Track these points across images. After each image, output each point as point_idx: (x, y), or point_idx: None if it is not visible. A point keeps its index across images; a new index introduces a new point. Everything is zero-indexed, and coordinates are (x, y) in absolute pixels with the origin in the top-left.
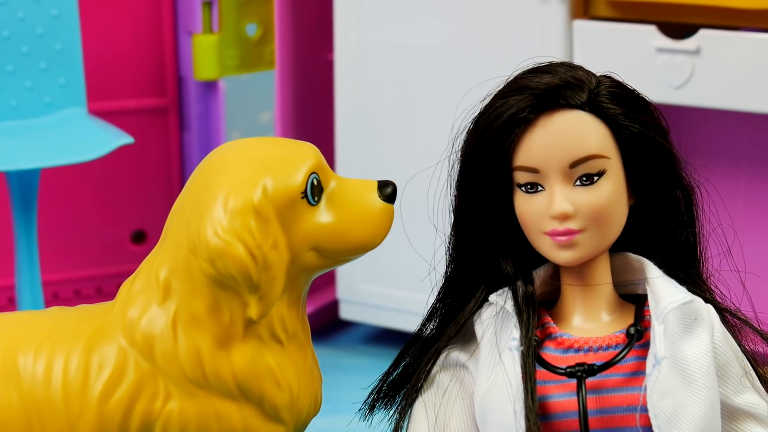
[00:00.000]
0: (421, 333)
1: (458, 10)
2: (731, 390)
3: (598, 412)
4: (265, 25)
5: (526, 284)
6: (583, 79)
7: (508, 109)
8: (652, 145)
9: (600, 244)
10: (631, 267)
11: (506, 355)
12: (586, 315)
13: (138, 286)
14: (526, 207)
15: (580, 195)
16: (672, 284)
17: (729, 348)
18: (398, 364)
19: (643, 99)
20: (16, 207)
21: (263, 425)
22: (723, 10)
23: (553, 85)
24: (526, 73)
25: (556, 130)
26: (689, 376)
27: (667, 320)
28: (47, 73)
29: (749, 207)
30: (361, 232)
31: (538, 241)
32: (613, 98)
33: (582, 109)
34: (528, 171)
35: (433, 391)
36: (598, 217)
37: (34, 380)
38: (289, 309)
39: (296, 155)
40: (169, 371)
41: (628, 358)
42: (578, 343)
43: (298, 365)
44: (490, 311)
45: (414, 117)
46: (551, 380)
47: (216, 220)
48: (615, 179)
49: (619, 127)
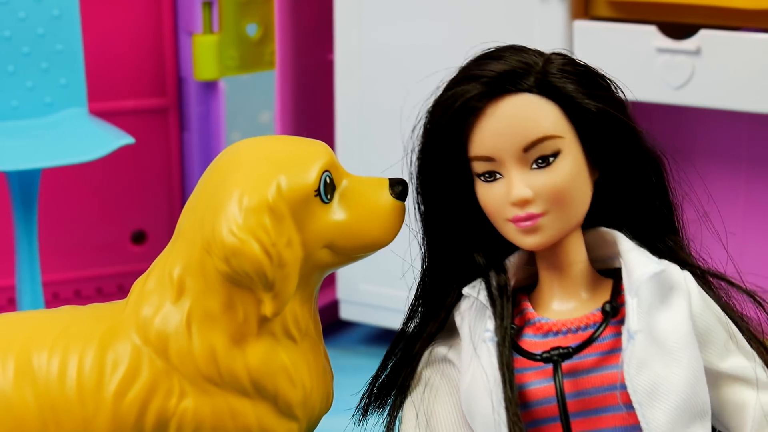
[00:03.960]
0: (405, 332)
1: (458, 11)
2: (715, 356)
3: (576, 394)
4: (265, 25)
5: (499, 274)
6: (530, 62)
7: (457, 100)
8: (611, 121)
9: (565, 225)
10: (606, 241)
11: (482, 347)
12: (564, 296)
13: (151, 284)
14: (487, 196)
15: (537, 178)
16: (644, 255)
17: (710, 313)
18: (386, 366)
19: (596, 73)
20: (16, 207)
21: (277, 422)
22: (723, 10)
23: (501, 72)
24: (474, 61)
25: (506, 116)
26: (667, 347)
27: (640, 292)
28: (48, 74)
29: (749, 207)
30: (374, 230)
31: (503, 229)
32: (563, 76)
33: (530, 92)
34: (484, 160)
35: (421, 389)
36: (559, 197)
37: (48, 379)
38: (302, 306)
39: (309, 153)
40: (184, 369)
41: (606, 336)
42: (556, 326)
43: (310, 362)
44: (467, 304)
45: (414, 117)
46: (530, 367)
47: (231, 218)
48: (572, 158)
49: (572, 104)
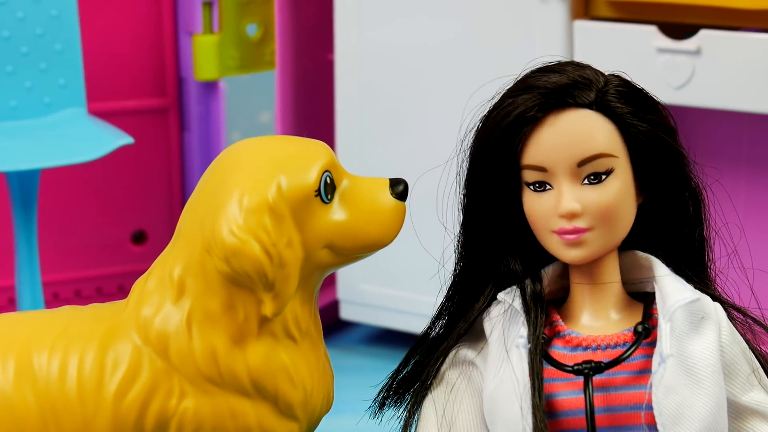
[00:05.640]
0: (431, 331)
1: (458, 10)
2: (738, 388)
3: (605, 410)
4: (265, 25)
5: (535, 282)
6: (591, 78)
7: (516, 108)
8: (660, 145)
9: (608, 243)
10: (640, 265)
11: (514, 352)
12: (594, 313)
13: (151, 284)
14: (535, 205)
15: (587, 194)
16: (680, 282)
17: (737, 346)
18: (408, 362)
19: (651, 98)
20: (16, 207)
21: (277, 422)
22: (723, 10)
23: (562, 84)
24: (535, 72)
25: (564, 129)
26: (695, 374)
27: (674, 318)
28: (47, 74)
29: (750, 207)
30: (374, 230)
31: (546, 240)
32: (621, 97)
33: (590, 108)
34: (536, 170)
35: (443, 389)
36: (606, 215)
37: (49, 379)
38: (303, 306)
39: (309, 154)
40: (184, 369)
41: (636, 356)
42: (586, 341)
43: (311, 362)
44: (499, 309)
45: (414, 117)
46: (559, 378)
47: (231, 218)
48: (623, 178)
49: (627, 125)
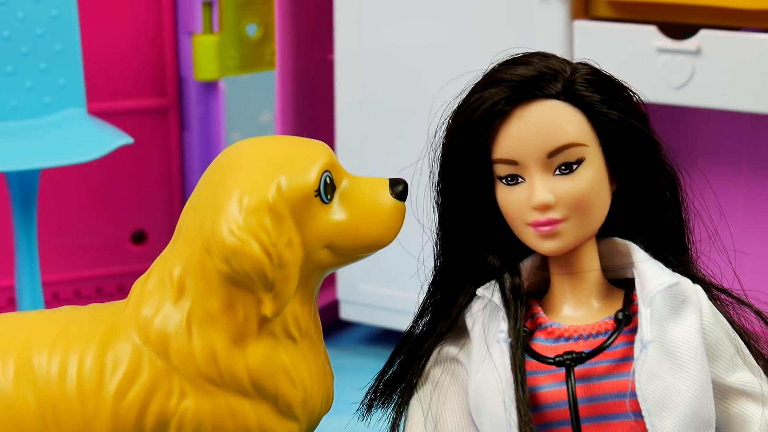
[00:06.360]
0: (414, 330)
1: (458, 10)
2: (723, 369)
3: (588, 399)
4: (265, 25)
5: (513, 276)
6: (557, 69)
7: (484, 103)
8: (632, 131)
9: (583, 232)
10: (619, 252)
11: (495, 347)
12: (575, 303)
13: (151, 284)
14: (508, 199)
15: (560, 184)
16: (658, 267)
17: (719, 327)
18: (393, 363)
19: (620, 85)
20: (16, 207)
21: (277, 422)
22: (723, 10)
23: (528, 77)
24: (501, 65)
25: (533, 121)
26: (678, 358)
27: (653, 303)
28: (47, 74)
29: (750, 207)
30: (374, 230)
31: (522, 233)
32: (589, 85)
33: (557, 98)
34: (507, 163)
35: (428, 387)
36: (580, 205)
37: (48, 379)
38: (302, 306)
39: (309, 154)
40: (184, 369)
41: (618, 344)
42: (568, 332)
43: (311, 362)
44: (479, 304)
45: (414, 117)
46: (542, 370)
47: (231, 218)
48: (594, 166)
49: (596, 113)
